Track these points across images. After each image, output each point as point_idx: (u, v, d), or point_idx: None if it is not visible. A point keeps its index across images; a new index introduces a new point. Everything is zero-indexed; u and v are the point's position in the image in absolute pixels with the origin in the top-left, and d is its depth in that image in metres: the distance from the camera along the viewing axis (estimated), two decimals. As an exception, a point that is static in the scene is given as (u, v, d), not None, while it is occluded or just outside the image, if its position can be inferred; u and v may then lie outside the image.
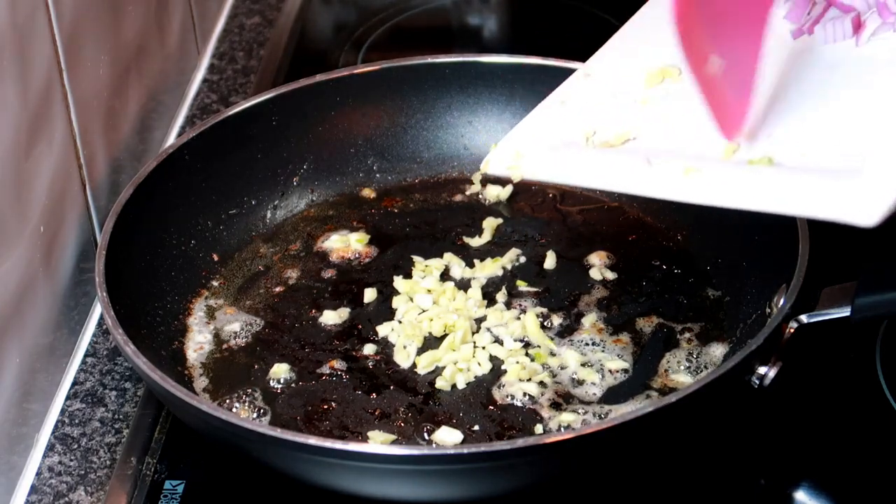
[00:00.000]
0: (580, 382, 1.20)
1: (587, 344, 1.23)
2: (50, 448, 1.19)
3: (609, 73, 1.22)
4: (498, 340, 1.25)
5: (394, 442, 1.15)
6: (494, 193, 1.43)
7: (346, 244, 1.38)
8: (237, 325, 1.28)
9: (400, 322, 1.27)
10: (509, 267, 1.34)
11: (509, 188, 1.44)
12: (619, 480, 1.14)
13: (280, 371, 1.22)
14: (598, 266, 1.33)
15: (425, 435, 1.16)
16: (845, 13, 1.14)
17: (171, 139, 1.57)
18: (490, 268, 1.33)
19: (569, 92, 1.22)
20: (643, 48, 1.21)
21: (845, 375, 1.22)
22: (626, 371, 1.21)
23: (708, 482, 1.15)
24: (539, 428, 1.16)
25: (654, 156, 1.07)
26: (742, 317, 1.22)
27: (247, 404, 1.20)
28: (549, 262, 1.34)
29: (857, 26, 1.13)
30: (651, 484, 1.14)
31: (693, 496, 1.14)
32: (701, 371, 1.20)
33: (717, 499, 1.14)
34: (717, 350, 1.22)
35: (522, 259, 1.35)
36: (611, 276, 1.32)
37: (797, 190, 1.00)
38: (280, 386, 1.21)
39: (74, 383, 1.26)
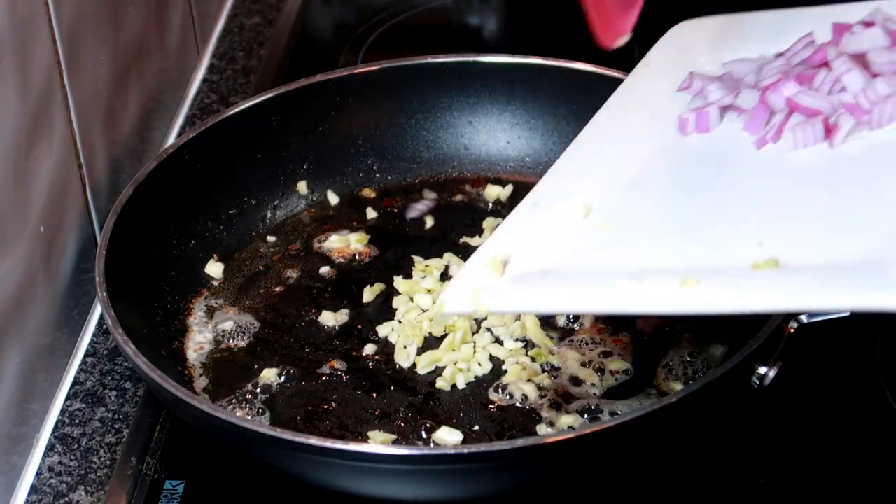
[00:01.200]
0: (580, 382, 1.20)
1: (587, 344, 1.23)
2: (50, 448, 1.19)
3: (553, 203, 1.13)
4: (498, 340, 1.25)
5: (394, 442, 1.15)
6: (494, 193, 1.43)
7: (346, 244, 1.38)
8: (237, 325, 1.28)
9: (400, 322, 1.27)
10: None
11: (509, 188, 1.44)
12: (619, 480, 1.14)
13: (269, 375, 1.22)
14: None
15: (425, 435, 1.16)
16: (811, 117, 1.10)
17: (171, 139, 1.57)
18: None
19: (518, 220, 1.13)
20: (582, 180, 1.14)
21: (845, 375, 1.22)
22: (626, 371, 1.21)
23: (708, 482, 1.15)
24: (539, 428, 1.16)
25: (640, 273, 1.00)
26: (742, 317, 1.22)
27: (247, 404, 1.20)
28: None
29: (828, 129, 1.09)
30: (651, 484, 1.14)
31: (693, 496, 1.14)
32: (701, 371, 1.20)
33: (718, 499, 1.14)
34: (717, 350, 1.22)
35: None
36: (611, 276, 1.31)
37: (815, 287, 0.94)
38: (278, 386, 1.21)
39: (74, 383, 1.26)
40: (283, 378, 1.22)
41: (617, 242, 1.05)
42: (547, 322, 1.26)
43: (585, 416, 1.16)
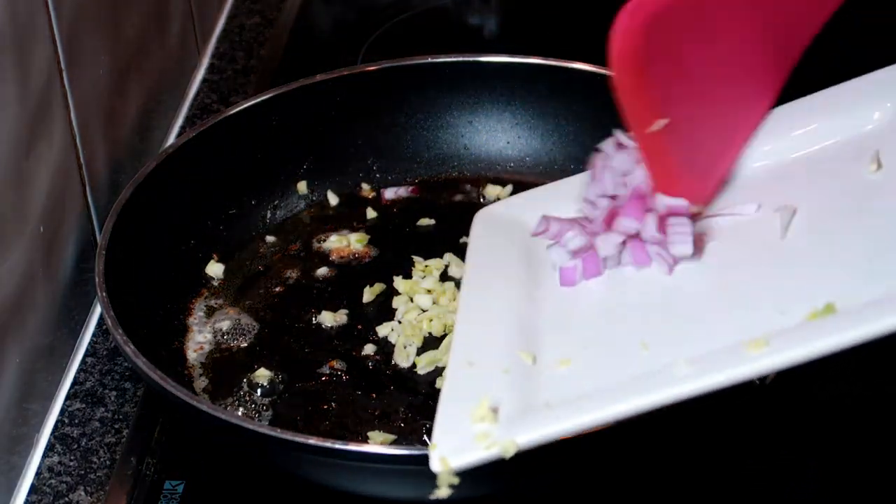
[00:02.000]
0: (580, 382, 1.20)
1: (587, 344, 1.23)
2: (50, 448, 1.19)
3: (492, 361, 1.09)
4: (498, 340, 1.25)
5: (394, 442, 1.15)
6: (494, 193, 1.43)
7: (346, 244, 1.38)
8: (237, 325, 1.28)
9: (399, 322, 1.27)
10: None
11: (509, 187, 1.44)
12: (619, 480, 1.14)
13: (267, 374, 1.22)
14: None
15: (425, 435, 1.16)
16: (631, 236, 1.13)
17: (171, 139, 1.57)
18: None
19: (460, 380, 1.08)
20: (499, 341, 1.11)
21: (845, 375, 1.22)
22: (626, 371, 1.21)
23: (708, 482, 1.15)
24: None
25: (682, 360, 0.97)
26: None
27: (247, 404, 1.20)
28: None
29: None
30: (652, 484, 1.14)
31: (694, 496, 1.14)
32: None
33: (718, 499, 1.14)
34: (717, 350, 1.22)
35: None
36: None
37: (884, 318, 0.93)
38: (278, 386, 1.21)
39: (74, 383, 1.26)
40: (282, 378, 1.22)
41: (596, 361, 1.04)
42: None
43: (585, 416, 1.16)
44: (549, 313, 1.13)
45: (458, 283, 1.31)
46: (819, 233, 1.06)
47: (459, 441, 0.99)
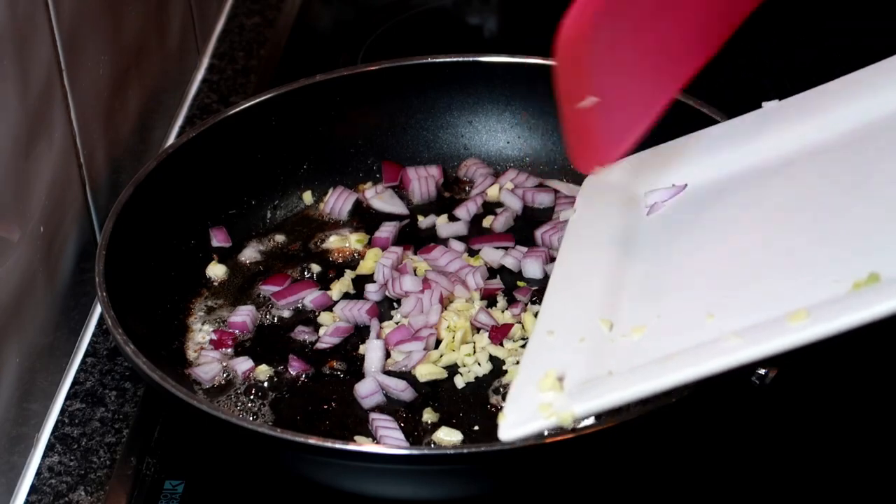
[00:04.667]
0: (580, 382, 1.20)
1: (587, 344, 1.23)
2: (50, 448, 1.19)
3: (571, 327, 1.12)
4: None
5: (394, 442, 1.15)
6: (494, 193, 1.43)
7: (346, 244, 1.38)
8: (236, 325, 1.28)
9: (398, 323, 1.27)
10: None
11: (509, 186, 1.43)
12: (619, 480, 1.14)
13: (262, 371, 1.22)
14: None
15: (425, 435, 1.16)
16: None
17: (171, 139, 1.57)
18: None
19: (539, 349, 1.11)
20: (584, 305, 1.14)
21: (845, 375, 1.22)
22: (626, 371, 1.21)
23: (708, 482, 1.15)
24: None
25: (729, 332, 0.99)
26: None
27: (247, 404, 1.20)
28: (550, 262, 1.33)
29: None
30: (651, 484, 1.14)
31: (693, 496, 1.14)
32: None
33: (718, 499, 1.14)
34: (717, 350, 1.22)
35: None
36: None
37: None
38: (277, 386, 1.21)
39: (74, 383, 1.26)
40: (281, 377, 1.22)
41: (666, 330, 1.06)
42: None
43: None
44: (634, 281, 1.14)
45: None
46: (865, 204, 1.07)
47: (525, 411, 1.03)
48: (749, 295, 1.05)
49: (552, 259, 1.33)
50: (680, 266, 1.14)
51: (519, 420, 1.03)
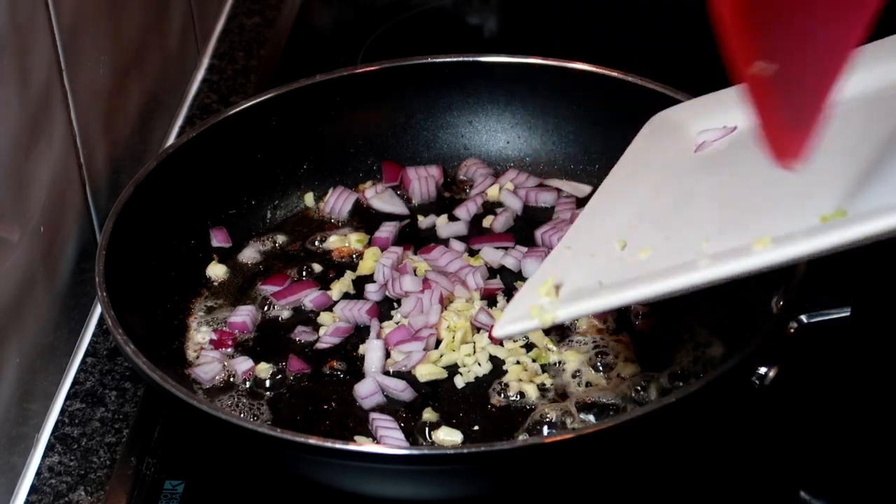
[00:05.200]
0: (580, 382, 1.20)
1: (587, 344, 1.23)
2: (50, 448, 1.19)
3: (587, 245, 1.15)
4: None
5: (394, 442, 1.15)
6: (494, 193, 1.43)
7: (346, 244, 1.38)
8: (236, 325, 1.28)
9: (398, 323, 1.27)
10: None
11: (509, 185, 1.43)
12: (619, 480, 1.14)
13: (262, 370, 1.22)
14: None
15: (425, 435, 1.16)
16: None
17: (171, 139, 1.57)
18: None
19: (555, 261, 1.14)
20: (609, 224, 1.17)
21: (845, 375, 1.22)
22: (626, 371, 1.20)
23: (708, 482, 1.15)
24: (539, 428, 1.15)
25: (707, 254, 1.02)
26: (742, 317, 1.22)
27: (246, 404, 1.20)
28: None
29: None
30: (651, 484, 1.14)
31: (693, 496, 1.14)
32: (701, 371, 1.20)
33: (718, 499, 1.14)
34: (717, 350, 1.22)
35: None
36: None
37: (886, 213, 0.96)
38: (277, 385, 1.21)
39: (74, 383, 1.26)
40: (281, 377, 1.22)
41: (667, 252, 1.07)
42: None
43: (585, 415, 1.16)
44: (660, 209, 1.15)
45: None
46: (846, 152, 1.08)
47: (518, 312, 1.07)
48: (737, 226, 1.06)
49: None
50: (701, 197, 1.14)
51: (510, 319, 1.07)
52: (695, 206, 1.14)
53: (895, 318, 1.24)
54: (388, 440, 1.14)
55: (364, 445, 1.08)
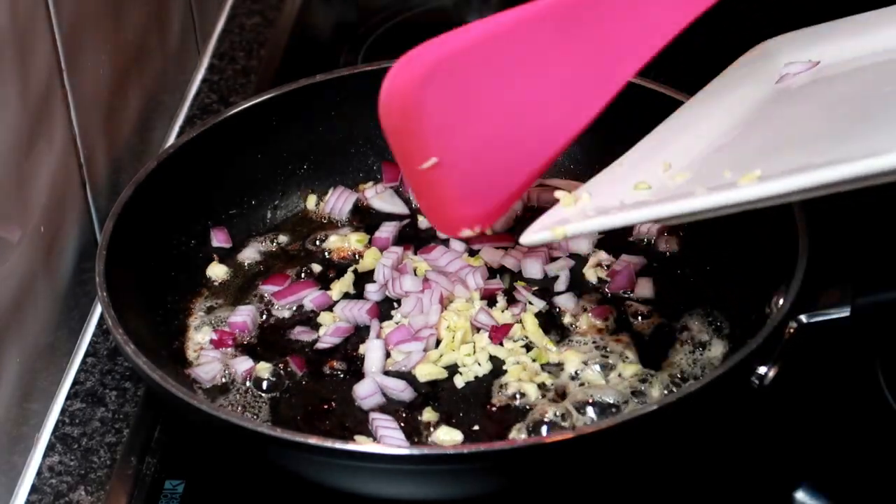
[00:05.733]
0: (580, 382, 1.20)
1: (587, 344, 1.23)
2: (50, 448, 1.20)
3: (636, 163, 1.17)
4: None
5: (394, 442, 1.15)
6: (494, 193, 1.43)
7: (346, 244, 1.38)
8: (236, 325, 1.28)
9: (398, 323, 1.27)
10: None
11: (509, 188, 1.44)
12: (619, 480, 1.14)
13: (263, 369, 1.22)
14: (598, 266, 1.33)
15: (425, 435, 1.16)
16: None
17: (171, 139, 1.57)
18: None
19: (601, 176, 1.17)
20: (663, 146, 1.18)
21: (845, 375, 1.22)
22: (626, 371, 1.20)
23: (708, 482, 1.15)
24: (539, 428, 1.15)
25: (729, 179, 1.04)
26: (742, 317, 1.22)
27: (247, 404, 1.20)
28: (550, 262, 1.34)
29: None
30: (651, 484, 1.14)
31: (693, 496, 1.14)
32: (701, 371, 1.20)
33: (717, 499, 1.14)
34: (717, 350, 1.22)
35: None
36: (611, 276, 1.32)
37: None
38: (278, 385, 1.21)
39: (75, 383, 1.26)
40: (281, 377, 1.22)
41: (700, 178, 1.08)
42: (547, 323, 1.26)
43: (585, 416, 1.16)
44: (719, 137, 1.15)
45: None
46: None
47: (543, 223, 1.09)
48: (752, 160, 1.06)
49: (552, 259, 1.33)
50: (755, 130, 1.15)
51: (534, 229, 1.09)
52: (745, 135, 1.13)
53: (895, 318, 1.24)
54: (388, 440, 1.14)
55: (364, 445, 1.08)
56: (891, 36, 1.19)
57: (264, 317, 1.29)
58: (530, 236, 1.09)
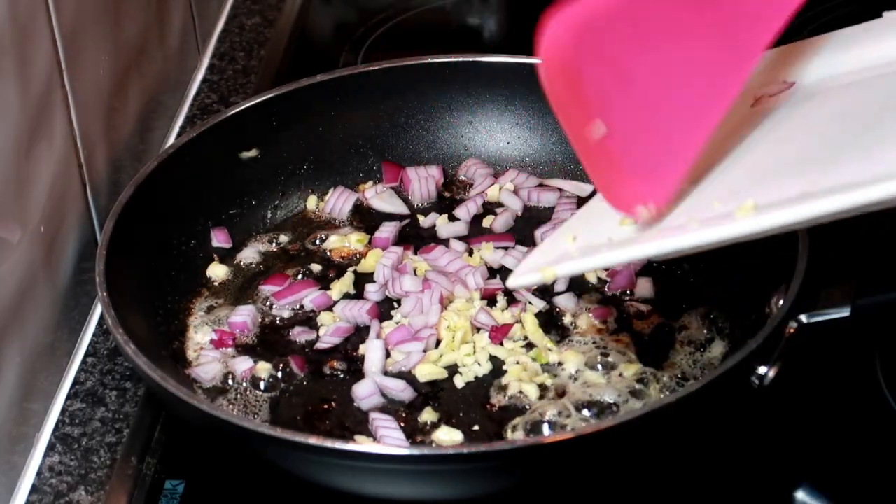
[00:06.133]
0: (580, 382, 1.20)
1: (587, 344, 1.23)
2: (50, 448, 1.20)
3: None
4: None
5: (394, 442, 1.15)
6: (494, 193, 1.43)
7: (346, 244, 1.38)
8: (237, 325, 1.28)
9: (398, 323, 1.27)
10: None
11: (509, 186, 1.43)
12: (619, 480, 1.14)
13: (262, 369, 1.22)
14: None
15: (425, 435, 1.16)
16: None
17: (171, 139, 1.57)
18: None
19: (577, 219, 1.16)
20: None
21: (845, 375, 1.22)
22: (626, 371, 1.20)
23: (708, 482, 1.15)
24: (539, 428, 1.15)
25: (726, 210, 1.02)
26: (742, 317, 1.22)
27: (246, 404, 1.20)
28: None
29: None
30: (651, 484, 1.14)
31: (693, 496, 1.14)
32: (701, 371, 1.20)
33: (717, 499, 1.14)
34: (717, 350, 1.22)
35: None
36: (611, 276, 1.32)
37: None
38: (277, 385, 1.21)
39: (75, 383, 1.26)
40: (281, 377, 1.22)
41: (683, 208, 1.07)
42: (547, 322, 1.26)
43: (584, 415, 1.16)
44: (702, 162, 1.12)
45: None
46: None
47: (530, 265, 1.08)
48: (745, 190, 1.05)
49: (552, 259, 1.33)
50: (740, 155, 1.12)
51: (522, 271, 1.08)
52: (728, 163, 1.11)
53: (895, 318, 1.24)
54: (388, 440, 1.14)
55: (364, 445, 1.08)
56: (866, 54, 1.17)
57: (264, 317, 1.29)
58: (518, 279, 1.08)
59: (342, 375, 1.23)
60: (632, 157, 1.10)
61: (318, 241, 1.39)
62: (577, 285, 1.30)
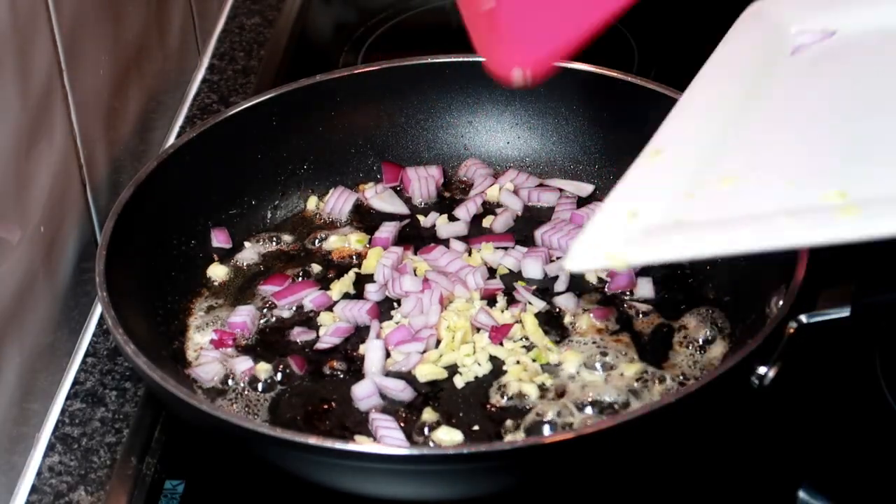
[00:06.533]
0: (580, 382, 1.20)
1: (587, 344, 1.23)
2: (50, 448, 1.20)
3: (674, 154, 1.10)
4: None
5: (394, 442, 1.15)
6: (494, 193, 1.43)
7: (346, 244, 1.38)
8: (236, 325, 1.28)
9: (398, 323, 1.27)
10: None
11: (509, 186, 1.43)
12: (619, 480, 1.14)
13: (262, 370, 1.22)
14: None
15: (425, 435, 1.16)
16: None
17: (171, 139, 1.57)
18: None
19: (640, 172, 1.09)
20: (697, 133, 1.11)
21: (845, 375, 1.22)
22: (625, 371, 1.20)
23: (708, 482, 1.15)
24: (539, 428, 1.15)
25: (794, 210, 0.98)
26: (742, 317, 1.22)
27: (247, 404, 1.20)
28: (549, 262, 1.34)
29: None
30: (651, 484, 1.14)
31: (693, 496, 1.14)
32: (701, 371, 1.20)
33: (717, 499, 1.14)
34: (717, 350, 1.22)
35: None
36: (611, 276, 1.32)
37: None
38: (278, 385, 1.21)
39: (75, 383, 1.26)
40: (281, 378, 1.22)
41: (750, 188, 1.03)
42: (547, 323, 1.26)
43: (585, 414, 1.16)
44: (749, 123, 1.10)
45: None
46: None
47: (587, 245, 1.02)
48: (826, 169, 1.01)
49: (552, 259, 1.33)
50: (794, 121, 1.09)
51: (581, 253, 1.02)
52: (787, 127, 1.08)
53: (895, 318, 1.24)
54: (388, 440, 1.14)
55: (364, 445, 1.08)
56: None
57: (264, 317, 1.29)
58: (579, 262, 1.03)
59: (342, 375, 1.23)
60: (514, 27, 1.12)
61: (318, 242, 1.39)
62: (577, 285, 1.30)
